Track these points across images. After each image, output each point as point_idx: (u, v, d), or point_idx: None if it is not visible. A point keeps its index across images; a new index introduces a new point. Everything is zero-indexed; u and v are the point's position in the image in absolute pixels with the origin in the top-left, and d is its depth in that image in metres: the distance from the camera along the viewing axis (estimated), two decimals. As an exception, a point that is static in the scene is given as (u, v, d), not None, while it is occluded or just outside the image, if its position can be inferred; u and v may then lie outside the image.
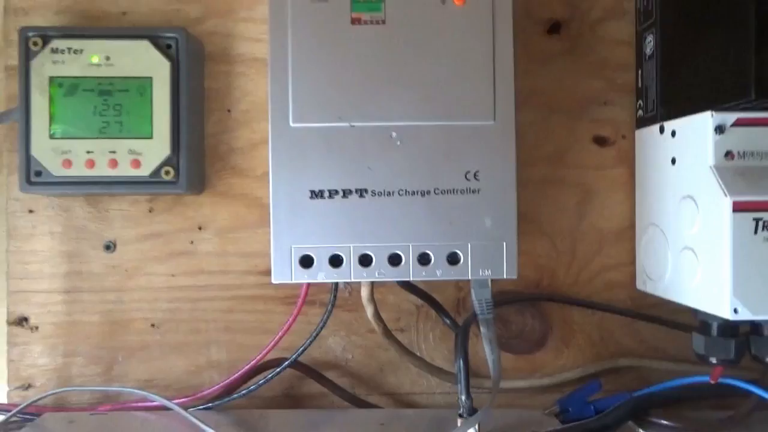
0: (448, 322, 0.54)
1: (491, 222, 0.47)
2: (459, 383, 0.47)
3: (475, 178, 0.47)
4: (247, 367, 0.54)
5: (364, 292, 0.52)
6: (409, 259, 0.47)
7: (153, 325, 0.59)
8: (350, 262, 0.47)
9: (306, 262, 0.47)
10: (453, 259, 0.48)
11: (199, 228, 0.59)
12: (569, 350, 0.60)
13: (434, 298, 0.55)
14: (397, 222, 0.47)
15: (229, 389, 0.55)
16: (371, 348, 0.61)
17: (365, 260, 0.47)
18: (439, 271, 0.47)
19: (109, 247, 0.58)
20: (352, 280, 0.47)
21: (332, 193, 0.47)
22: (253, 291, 0.60)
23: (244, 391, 0.54)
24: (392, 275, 0.47)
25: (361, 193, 0.47)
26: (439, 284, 0.60)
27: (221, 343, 0.60)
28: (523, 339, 0.60)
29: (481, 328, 0.49)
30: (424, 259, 0.48)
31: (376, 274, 0.47)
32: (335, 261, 0.47)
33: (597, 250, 0.60)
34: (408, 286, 0.53)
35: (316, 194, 0.47)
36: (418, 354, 0.60)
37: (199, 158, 0.58)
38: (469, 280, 0.49)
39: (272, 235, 0.47)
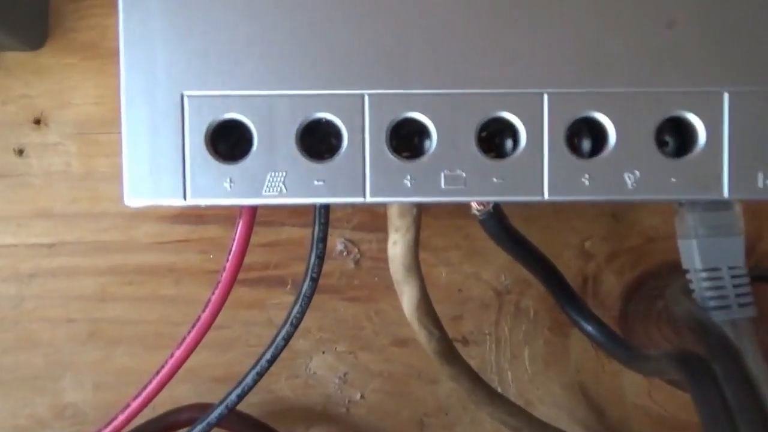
0: (589, 329, 0.23)
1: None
2: None
3: None
4: (111, 426, 0.22)
5: (400, 247, 0.20)
6: (540, 135, 0.16)
7: (-64, 329, 0.28)
8: (364, 142, 0.16)
9: (227, 140, 0.16)
10: (676, 135, 0.16)
11: (37, 121, 0.28)
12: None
13: (553, 264, 0.24)
14: (505, 26, 0.16)
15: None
16: (402, 379, 0.29)
17: (406, 137, 0.16)
18: (631, 176, 0.16)
19: None
20: (369, 199, 0.16)
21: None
22: (151, 255, 0.29)
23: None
24: (492, 189, 0.16)
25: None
26: (542, 243, 0.29)
27: (84, 367, 0.29)
28: None
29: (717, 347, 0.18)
30: (585, 137, 0.17)
31: (442, 181, 0.16)
32: (316, 139, 0.16)
33: None
34: (504, 232, 0.21)
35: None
36: (498, 389, 0.29)
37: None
38: (683, 206, 0.18)
39: (122, 62, 0.16)
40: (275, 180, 0.15)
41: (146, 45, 0.15)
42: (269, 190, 0.15)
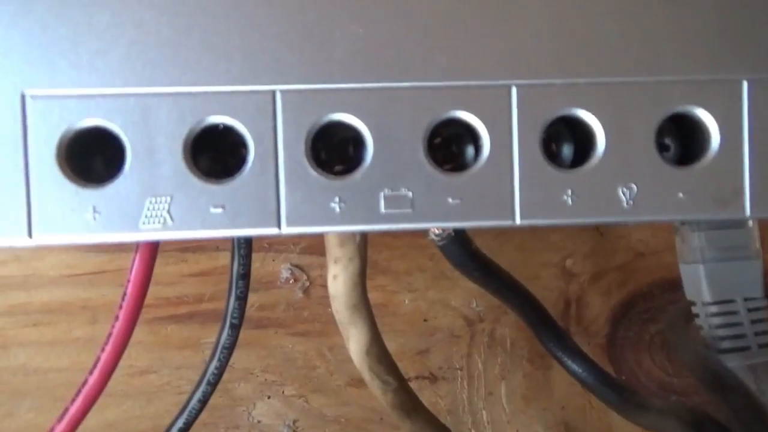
0: (575, 367, 0.19)
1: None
2: None
3: None
4: None
5: (342, 282, 0.16)
6: (508, 141, 0.13)
7: None
8: (276, 154, 0.13)
9: (90, 156, 0.13)
10: (682, 137, 0.13)
11: None
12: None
13: (529, 293, 0.20)
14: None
15: None
16: (362, 424, 0.25)
17: (339, 147, 0.13)
18: (626, 191, 0.13)
19: None
20: (285, 229, 0.12)
21: None
22: (61, 291, 0.24)
23: None
24: (447, 212, 0.13)
25: None
26: (518, 262, 0.25)
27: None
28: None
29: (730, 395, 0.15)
30: (567, 141, 0.13)
31: (381, 203, 0.13)
32: (217, 152, 0.13)
33: None
34: (469, 260, 0.18)
35: None
36: (471, 434, 0.25)
37: None
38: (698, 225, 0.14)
39: None
40: (157, 208, 0.11)
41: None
42: (149, 222, 0.11)
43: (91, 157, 0.12)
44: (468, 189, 0.12)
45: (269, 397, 0.25)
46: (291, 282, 0.25)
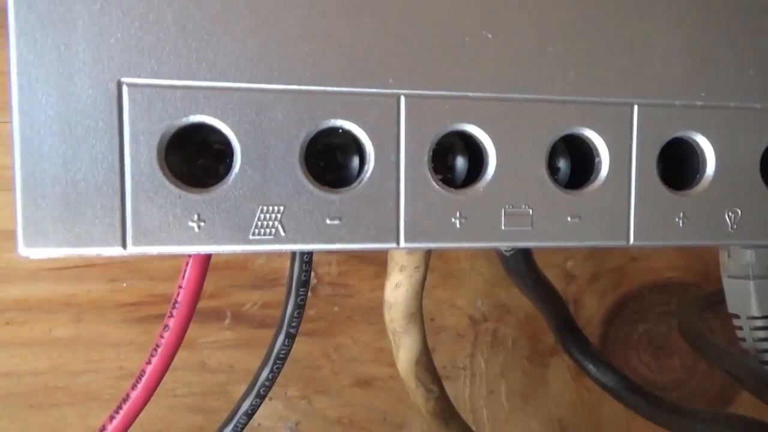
0: (599, 375, 0.20)
1: None
2: None
3: None
4: None
5: (404, 291, 0.15)
6: (627, 160, 0.13)
7: None
8: (398, 163, 0.12)
9: (193, 157, 0.11)
10: None
11: None
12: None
13: (565, 304, 0.21)
14: (592, 23, 0.12)
15: None
16: (365, 425, 0.25)
17: (435, 154, 0.12)
18: (732, 215, 0.13)
19: None
20: (403, 244, 0.12)
21: None
22: (41, 286, 0.22)
23: None
24: (565, 231, 0.12)
25: None
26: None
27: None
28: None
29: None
30: (678, 164, 0.13)
31: (502, 220, 0.12)
32: (321, 158, 0.12)
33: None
34: (530, 271, 0.18)
35: None
36: (473, 429, 0.26)
37: None
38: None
39: (12, 27, 0.10)
40: (268, 217, 0.10)
41: (57, 1, 0.09)
42: (260, 232, 0.10)
43: (194, 158, 0.10)
44: (587, 207, 0.12)
45: (271, 399, 0.24)
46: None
